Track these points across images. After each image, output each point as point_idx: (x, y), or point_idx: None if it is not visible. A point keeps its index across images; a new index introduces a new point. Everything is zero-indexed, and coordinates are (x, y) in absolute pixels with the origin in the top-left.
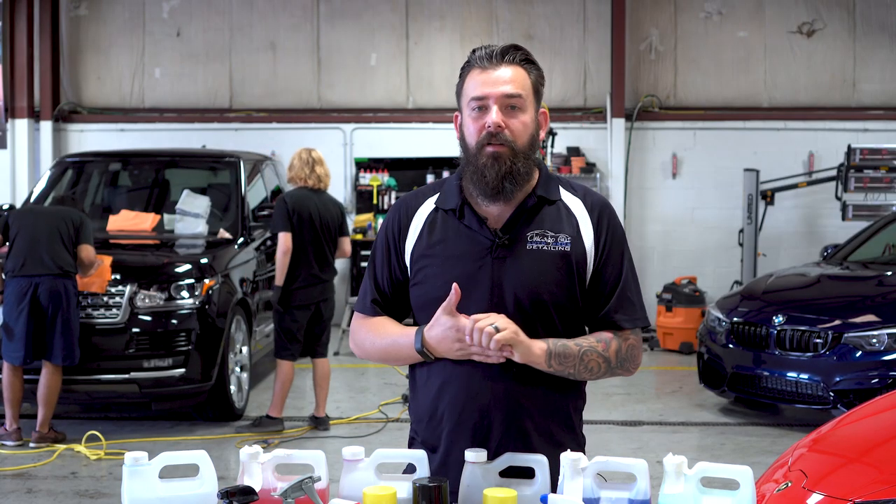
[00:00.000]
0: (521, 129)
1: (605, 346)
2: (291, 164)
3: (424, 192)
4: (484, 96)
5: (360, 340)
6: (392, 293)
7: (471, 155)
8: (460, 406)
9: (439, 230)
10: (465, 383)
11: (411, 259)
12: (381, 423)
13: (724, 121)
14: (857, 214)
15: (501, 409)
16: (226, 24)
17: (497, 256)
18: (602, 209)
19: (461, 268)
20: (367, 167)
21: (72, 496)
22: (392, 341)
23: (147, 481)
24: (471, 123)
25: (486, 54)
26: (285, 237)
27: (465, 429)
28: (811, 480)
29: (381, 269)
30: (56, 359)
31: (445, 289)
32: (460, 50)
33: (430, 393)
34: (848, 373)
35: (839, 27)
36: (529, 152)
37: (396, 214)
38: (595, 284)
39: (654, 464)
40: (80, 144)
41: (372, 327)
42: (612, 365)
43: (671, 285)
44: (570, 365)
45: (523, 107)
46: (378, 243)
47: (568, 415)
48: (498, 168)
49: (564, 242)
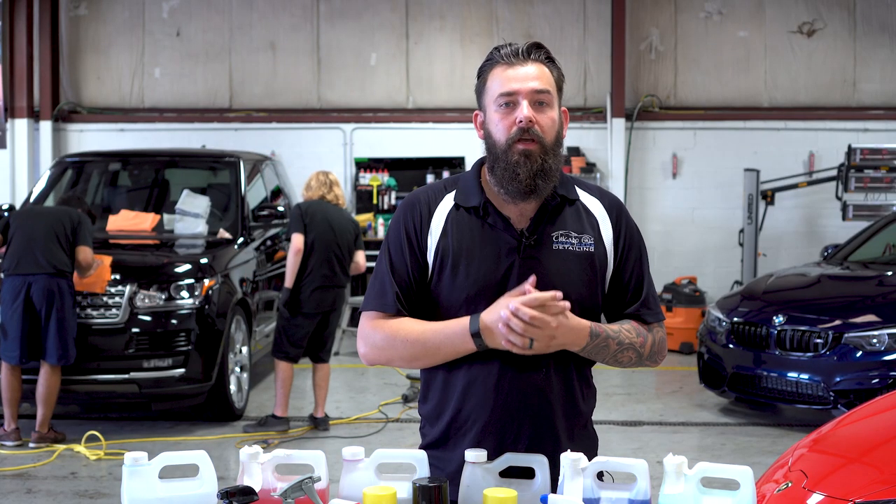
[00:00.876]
0: (549, 125)
1: (642, 340)
2: (308, 184)
3: (438, 188)
4: (513, 92)
5: (379, 342)
6: (412, 290)
7: (500, 152)
8: (489, 408)
9: (464, 229)
10: (493, 384)
11: (434, 256)
12: (381, 423)
13: (724, 121)
14: (857, 214)
15: (532, 411)
16: (226, 24)
17: (525, 256)
18: (619, 208)
19: (488, 269)
20: (367, 167)
21: (71, 496)
22: (436, 331)
23: (147, 481)
24: (499, 120)
25: (512, 51)
26: (297, 238)
27: (493, 432)
28: (811, 481)
29: (401, 265)
30: (51, 358)
31: (474, 288)
32: (460, 50)
33: (452, 392)
34: (848, 373)
35: (839, 27)
36: (557, 149)
37: (415, 209)
38: (616, 283)
39: (655, 464)
40: (79, 144)
41: (398, 326)
42: (643, 358)
43: (671, 285)
44: (605, 354)
45: (551, 103)
46: (394, 238)
47: (582, 413)
48: (530, 166)
49: (588, 243)
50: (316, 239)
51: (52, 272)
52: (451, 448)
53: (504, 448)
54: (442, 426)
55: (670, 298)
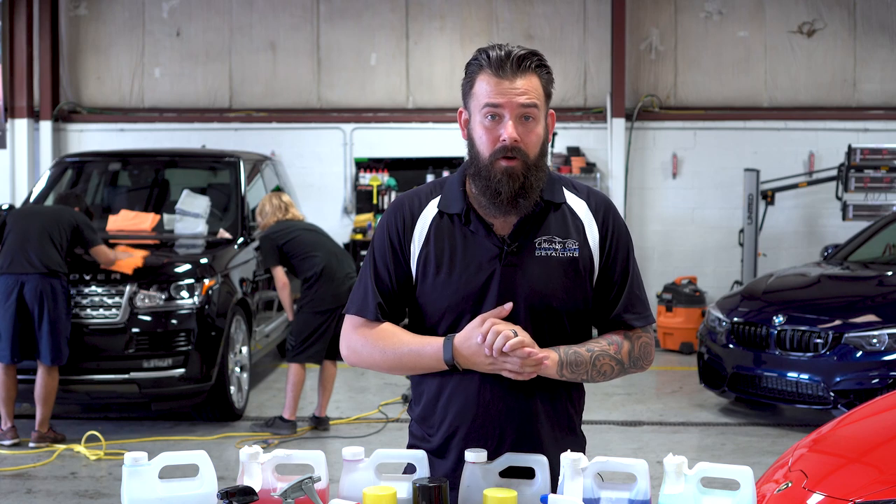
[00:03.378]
0: (534, 142)
1: (616, 347)
2: (262, 210)
3: (424, 192)
4: (499, 105)
5: (358, 348)
6: (395, 296)
7: (482, 165)
8: (471, 415)
9: (446, 236)
10: (475, 392)
11: (417, 263)
12: (381, 423)
13: (724, 121)
14: (857, 214)
15: (514, 417)
16: (226, 24)
17: (506, 264)
18: (606, 209)
19: (469, 275)
20: (367, 167)
21: (71, 496)
22: (410, 350)
23: (147, 481)
24: (483, 133)
25: (501, 58)
26: (280, 272)
27: (477, 437)
28: (811, 481)
29: (384, 271)
30: (45, 359)
31: (456, 296)
32: (460, 50)
33: (437, 401)
34: (848, 373)
35: (839, 27)
36: (541, 161)
37: (399, 214)
38: (603, 285)
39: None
40: (79, 144)
41: (378, 335)
42: (625, 366)
43: (671, 285)
44: (583, 372)
45: (537, 117)
46: (379, 244)
47: (572, 418)
48: (512, 185)
49: (573, 248)
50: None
51: (44, 272)
52: (437, 454)
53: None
54: (429, 432)
55: (670, 298)
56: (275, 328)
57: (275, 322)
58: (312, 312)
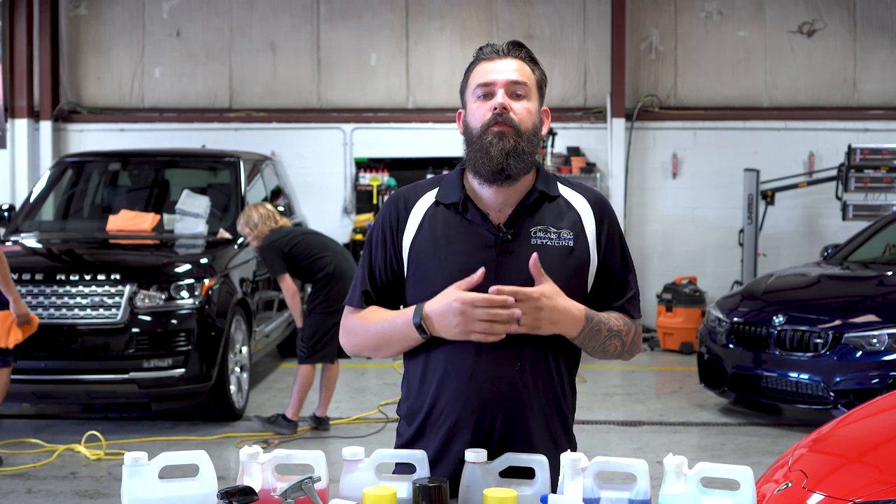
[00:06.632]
0: (525, 115)
1: (626, 330)
2: (249, 220)
3: (423, 186)
4: (490, 82)
5: (350, 329)
6: (385, 287)
7: (475, 137)
8: (461, 402)
9: (440, 224)
10: (466, 378)
11: (409, 253)
12: (381, 423)
13: (724, 121)
14: (857, 214)
15: (505, 406)
16: (226, 24)
17: (501, 251)
18: (603, 205)
19: (463, 263)
20: (367, 167)
21: (71, 496)
22: (387, 322)
23: (147, 481)
24: (475, 109)
25: (492, 49)
26: (288, 279)
27: (466, 426)
28: (811, 481)
29: (377, 262)
30: None
31: (449, 281)
32: (460, 50)
33: (428, 387)
34: (848, 373)
35: (839, 27)
36: (533, 138)
37: (394, 207)
38: (601, 277)
39: (655, 464)
40: (79, 144)
41: (362, 316)
42: (623, 350)
43: (671, 285)
44: (595, 345)
45: (528, 95)
46: (373, 236)
47: (565, 414)
48: (503, 145)
49: (568, 238)
50: (336, 265)
51: None
52: (423, 444)
53: (475, 444)
54: (417, 423)
55: (670, 298)
56: (275, 328)
57: (275, 322)
58: (325, 313)
